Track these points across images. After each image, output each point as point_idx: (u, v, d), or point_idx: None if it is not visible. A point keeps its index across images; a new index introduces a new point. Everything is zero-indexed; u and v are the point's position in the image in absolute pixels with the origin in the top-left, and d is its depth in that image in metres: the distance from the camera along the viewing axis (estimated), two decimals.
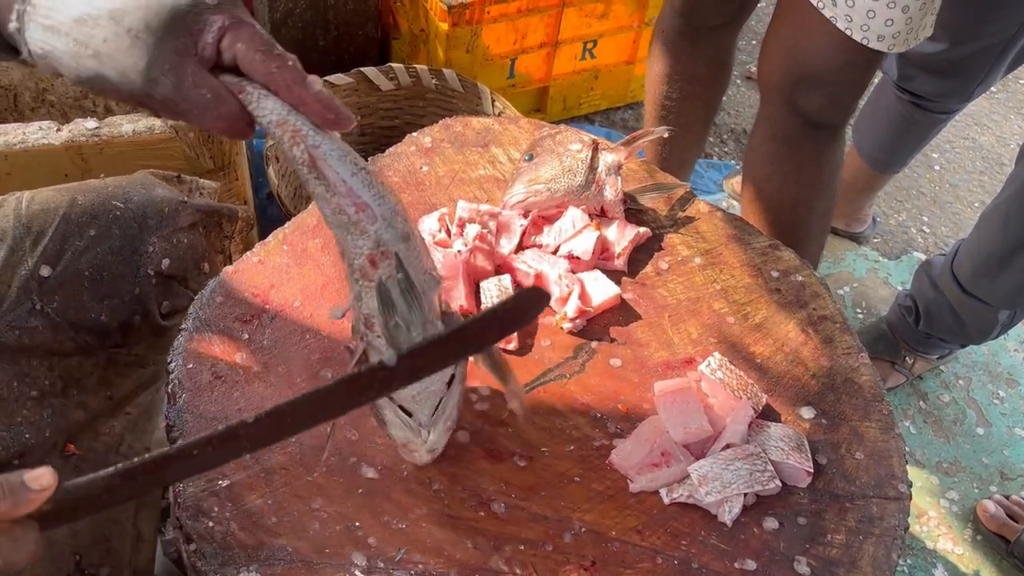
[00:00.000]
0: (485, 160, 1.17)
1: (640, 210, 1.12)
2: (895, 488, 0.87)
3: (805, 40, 1.25)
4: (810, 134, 1.36)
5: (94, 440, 0.96)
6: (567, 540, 0.80)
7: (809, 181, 1.42)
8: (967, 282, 1.58)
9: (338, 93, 1.89)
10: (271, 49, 0.58)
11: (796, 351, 0.99)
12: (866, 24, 1.13)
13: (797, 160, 1.40)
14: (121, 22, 0.54)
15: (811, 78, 1.28)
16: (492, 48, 2.09)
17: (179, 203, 1.01)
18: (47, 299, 0.91)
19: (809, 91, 1.29)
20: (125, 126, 1.21)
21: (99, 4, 0.55)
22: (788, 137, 1.38)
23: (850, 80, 1.29)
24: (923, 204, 2.40)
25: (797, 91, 1.30)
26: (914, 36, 1.16)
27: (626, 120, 2.45)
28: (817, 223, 1.48)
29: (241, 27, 0.57)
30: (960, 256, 1.61)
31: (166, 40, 0.55)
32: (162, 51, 0.55)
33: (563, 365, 0.95)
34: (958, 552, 1.62)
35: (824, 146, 1.39)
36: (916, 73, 1.76)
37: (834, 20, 1.16)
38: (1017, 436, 1.81)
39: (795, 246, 1.42)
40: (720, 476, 0.83)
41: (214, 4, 0.56)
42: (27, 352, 0.91)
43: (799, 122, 1.34)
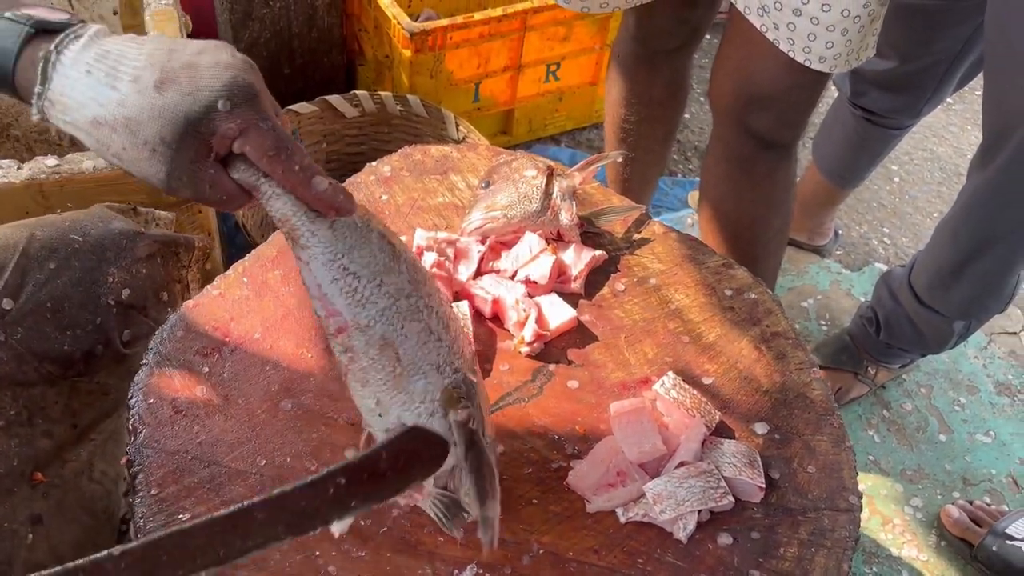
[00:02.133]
0: (444, 187, 1.19)
1: (597, 233, 1.15)
2: (846, 500, 0.89)
3: (753, 63, 1.28)
4: (762, 154, 1.39)
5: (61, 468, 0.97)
6: (525, 563, 0.82)
7: (764, 199, 1.46)
8: (923, 294, 1.61)
9: (303, 121, 1.91)
10: (279, 152, 0.59)
11: (749, 368, 1.01)
12: (807, 47, 1.17)
13: (751, 179, 1.43)
14: (137, 134, 0.56)
15: (760, 99, 1.32)
16: (456, 73, 2.11)
17: (136, 234, 1.02)
18: (10, 331, 0.93)
19: (759, 112, 1.33)
20: (86, 163, 1.22)
21: (113, 110, 0.56)
22: (741, 157, 1.41)
23: (797, 100, 1.32)
24: (883, 216, 2.45)
25: (747, 112, 1.34)
26: (855, 57, 1.20)
27: (592, 140, 2.49)
28: (774, 240, 1.51)
29: (250, 132, 0.57)
30: (916, 268, 1.65)
31: (182, 151, 0.56)
32: (179, 162, 0.56)
33: (521, 388, 0.97)
34: (923, 558, 1.65)
35: (776, 165, 1.42)
36: (867, 89, 1.80)
37: (777, 43, 1.19)
38: (979, 442, 1.85)
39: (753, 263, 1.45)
40: (674, 494, 0.85)
41: (227, 111, 0.56)
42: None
43: (751, 142, 1.38)
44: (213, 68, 0.57)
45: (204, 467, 0.85)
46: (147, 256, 1.01)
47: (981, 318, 1.65)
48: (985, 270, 1.51)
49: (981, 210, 1.45)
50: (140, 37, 0.60)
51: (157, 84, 0.55)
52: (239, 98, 0.56)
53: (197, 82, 0.55)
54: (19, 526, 0.89)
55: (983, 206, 1.45)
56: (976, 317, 1.62)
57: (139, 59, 0.57)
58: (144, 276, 1.00)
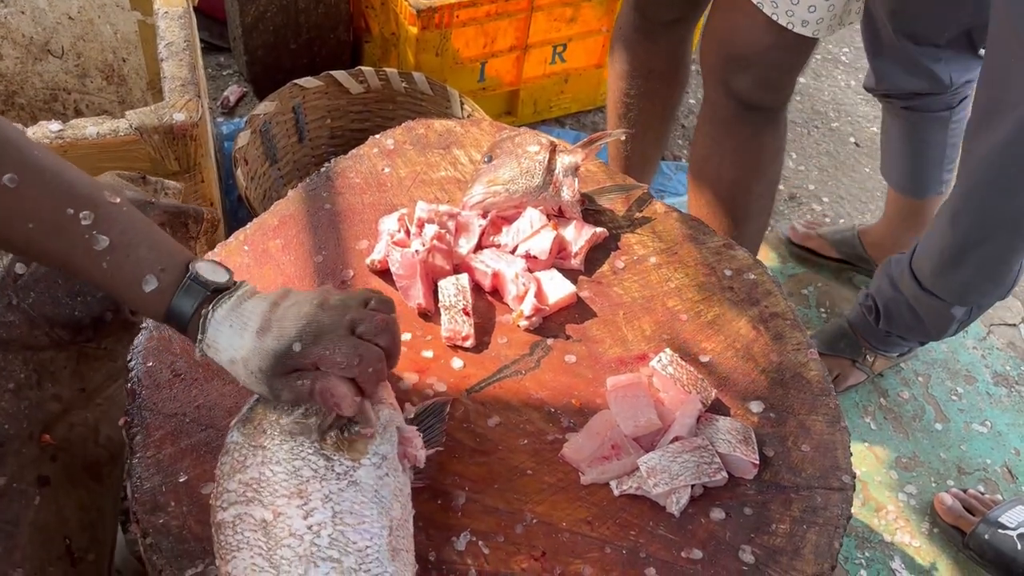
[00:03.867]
0: (447, 162, 1.19)
1: (598, 211, 1.15)
2: (839, 479, 0.90)
3: (735, 23, 1.32)
4: (745, 117, 1.43)
5: (69, 431, 0.98)
6: (519, 531, 0.82)
7: (746, 162, 1.49)
8: (925, 279, 1.61)
9: (308, 96, 1.91)
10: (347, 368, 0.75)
11: (747, 347, 1.02)
12: (791, 10, 1.21)
13: (734, 142, 1.47)
14: (248, 366, 0.75)
15: (740, 59, 1.36)
16: (462, 52, 2.11)
17: (146, 204, 1.03)
18: (22, 295, 0.95)
19: (739, 72, 1.37)
20: (89, 128, 1.22)
21: (238, 353, 0.75)
22: (725, 119, 1.45)
23: (778, 62, 1.36)
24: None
25: (729, 73, 1.38)
26: (838, 22, 1.22)
27: (596, 123, 2.48)
28: (754, 204, 1.54)
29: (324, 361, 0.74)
30: (918, 254, 1.64)
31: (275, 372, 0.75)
32: (274, 378, 0.75)
33: (519, 361, 0.97)
34: (915, 545, 1.65)
35: (760, 129, 1.46)
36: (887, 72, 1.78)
37: (760, 6, 1.22)
38: (974, 432, 1.85)
39: (733, 226, 1.48)
40: (668, 468, 0.85)
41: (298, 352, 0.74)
42: (4, 346, 0.94)
43: (734, 104, 1.41)
44: (294, 319, 0.75)
45: (201, 430, 0.85)
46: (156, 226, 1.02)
47: (982, 303, 1.64)
48: (986, 254, 1.51)
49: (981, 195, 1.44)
50: (270, 295, 0.78)
51: (259, 332, 0.75)
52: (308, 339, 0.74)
53: (281, 330, 0.75)
54: (27, 487, 0.90)
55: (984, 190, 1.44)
56: (977, 303, 1.61)
57: (257, 315, 0.76)
58: None
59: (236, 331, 0.76)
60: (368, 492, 0.74)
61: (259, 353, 0.74)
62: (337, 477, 0.74)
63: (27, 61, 1.78)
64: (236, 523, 0.71)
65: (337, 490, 0.73)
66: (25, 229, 0.74)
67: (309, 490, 0.72)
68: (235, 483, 0.73)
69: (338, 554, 0.70)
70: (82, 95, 1.85)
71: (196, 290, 0.77)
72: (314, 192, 1.11)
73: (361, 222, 1.09)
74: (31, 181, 0.74)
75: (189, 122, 1.25)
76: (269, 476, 0.73)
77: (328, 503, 0.72)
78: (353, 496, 0.73)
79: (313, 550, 0.70)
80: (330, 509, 0.72)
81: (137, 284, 0.76)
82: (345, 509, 0.72)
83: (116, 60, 1.81)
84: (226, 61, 2.46)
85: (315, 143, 2.00)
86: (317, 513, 0.71)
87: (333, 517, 0.71)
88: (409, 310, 1.00)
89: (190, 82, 1.31)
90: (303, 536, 0.70)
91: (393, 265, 1.00)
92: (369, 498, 0.74)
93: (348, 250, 1.05)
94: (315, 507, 0.71)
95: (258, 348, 0.74)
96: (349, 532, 0.71)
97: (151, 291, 0.77)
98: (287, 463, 0.74)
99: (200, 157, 1.31)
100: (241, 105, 2.35)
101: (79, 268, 0.77)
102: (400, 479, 0.77)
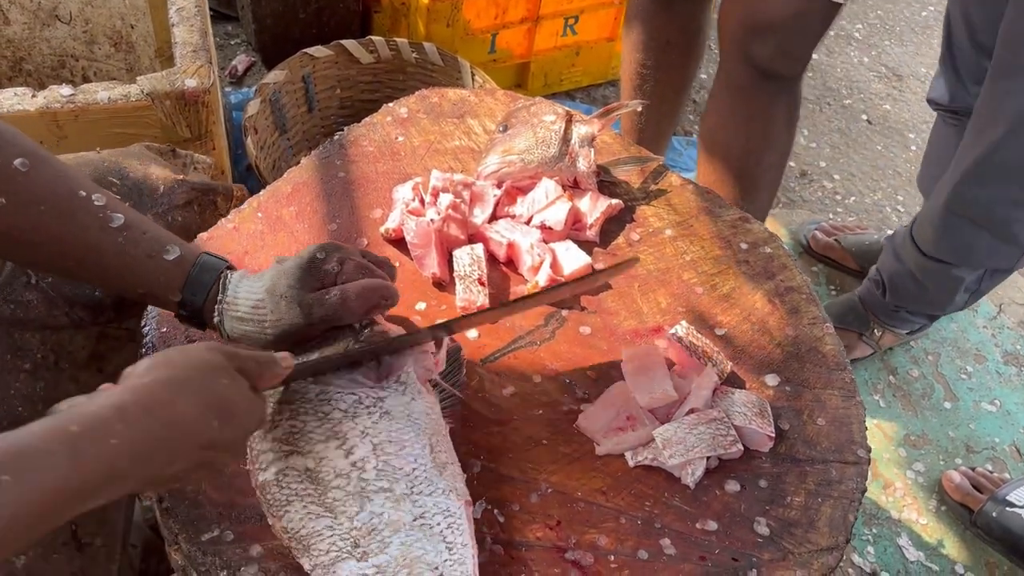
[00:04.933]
0: (460, 131, 1.18)
1: (613, 182, 1.14)
2: (854, 453, 0.89)
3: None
4: (762, 85, 1.42)
5: None
6: (534, 500, 0.82)
7: (759, 132, 1.48)
8: (926, 245, 1.60)
9: (318, 65, 1.89)
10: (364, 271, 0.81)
11: (762, 320, 1.01)
12: None
13: (748, 111, 1.46)
14: (274, 292, 0.78)
15: (764, 27, 1.34)
16: (473, 22, 2.08)
17: (176, 182, 1.01)
18: (42, 274, 0.92)
19: (761, 39, 1.36)
20: (100, 93, 1.20)
21: (262, 287, 0.79)
22: (741, 87, 1.44)
23: (801, 29, 1.35)
24: (898, 184, 2.42)
25: (750, 40, 1.36)
26: None
27: (607, 97, 2.46)
28: (764, 175, 1.53)
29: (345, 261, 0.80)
30: (919, 221, 1.63)
31: (303, 285, 0.78)
32: (303, 292, 0.78)
33: (534, 332, 0.97)
34: (923, 522, 1.66)
35: (775, 99, 1.44)
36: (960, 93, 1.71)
37: None
38: (983, 410, 1.85)
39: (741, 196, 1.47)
40: (684, 440, 0.85)
41: (323, 258, 0.79)
42: (21, 325, 0.92)
43: (751, 72, 1.40)
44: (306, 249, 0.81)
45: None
46: (184, 203, 1.01)
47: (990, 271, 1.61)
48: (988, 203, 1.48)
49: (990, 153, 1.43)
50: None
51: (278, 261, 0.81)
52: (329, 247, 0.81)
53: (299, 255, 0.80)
54: None
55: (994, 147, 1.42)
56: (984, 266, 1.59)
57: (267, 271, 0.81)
58: (180, 224, 0.99)
59: (253, 280, 0.80)
60: (401, 418, 0.75)
61: (284, 273, 0.78)
62: (368, 412, 0.74)
63: (35, 27, 1.76)
64: (280, 479, 0.72)
65: (372, 424, 0.74)
66: (36, 212, 0.75)
67: (344, 430, 0.73)
68: (268, 443, 0.74)
69: (388, 483, 0.71)
70: (90, 62, 1.84)
71: (214, 263, 0.81)
72: (327, 160, 1.10)
73: (375, 191, 1.08)
74: (42, 166, 0.76)
75: (201, 88, 1.24)
76: (301, 427, 0.74)
77: (366, 437, 0.73)
78: (388, 425, 0.74)
79: (363, 485, 0.71)
80: (369, 443, 0.73)
81: (158, 254, 0.79)
82: (384, 439, 0.73)
83: (124, 27, 1.79)
84: (234, 30, 2.43)
85: (325, 113, 1.99)
86: (358, 449, 0.72)
87: (374, 450, 0.73)
88: (423, 279, 1.00)
89: (201, 48, 1.29)
90: (349, 474, 0.71)
91: (408, 234, 0.99)
92: (404, 423, 0.75)
93: (362, 218, 1.04)
94: (354, 444, 0.73)
95: (281, 271, 0.79)
96: (393, 460, 0.73)
97: (174, 259, 0.79)
98: (315, 411, 0.74)
99: (211, 124, 1.30)
100: (249, 75, 2.33)
101: (92, 246, 0.78)
102: (427, 399, 0.78)
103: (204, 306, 0.80)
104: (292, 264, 0.79)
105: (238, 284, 0.80)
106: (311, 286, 0.78)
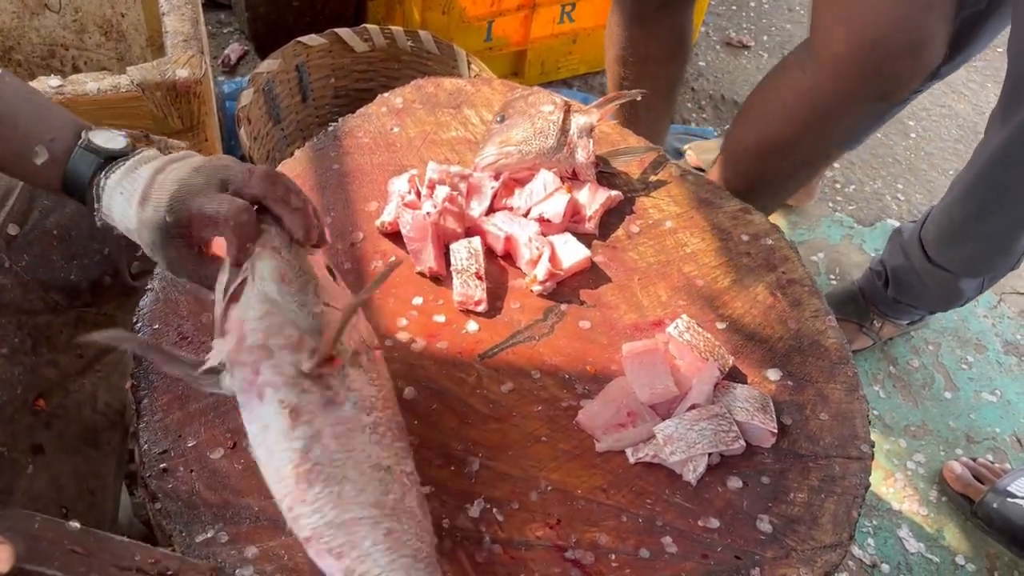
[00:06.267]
0: (457, 121, 1.16)
1: (612, 173, 1.12)
2: (857, 448, 0.88)
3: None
4: (857, 107, 1.17)
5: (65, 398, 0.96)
6: (533, 498, 0.81)
7: (822, 150, 1.30)
8: (931, 250, 1.59)
9: (311, 54, 1.86)
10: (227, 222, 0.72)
11: (764, 314, 1.00)
12: None
13: (825, 129, 1.22)
14: (142, 239, 0.73)
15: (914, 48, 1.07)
16: (468, 10, 2.06)
17: None
18: (15, 257, 0.91)
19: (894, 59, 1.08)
20: (90, 84, 1.18)
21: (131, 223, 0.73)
22: (829, 109, 1.17)
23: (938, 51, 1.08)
24: (898, 171, 2.41)
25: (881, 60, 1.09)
26: None
27: (604, 85, 2.43)
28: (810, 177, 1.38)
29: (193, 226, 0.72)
30: (928, 224, 1.62)
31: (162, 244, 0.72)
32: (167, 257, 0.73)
33: (532, 327, 0.95)
34: (923, 513, 1.65)
35: (860, 120, 1.24)
36: None
37: None
38: (984, 400, 1.84)
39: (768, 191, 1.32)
40: (685, 436, 0.83)
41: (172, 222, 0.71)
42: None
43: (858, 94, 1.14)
44: (169, 185, 0.71)
45: (209, 394, 0.84)
46: None
47: (989, 277, 1.62)
48: (994, 227, 1.48)
49: (996, 167, 1.42)
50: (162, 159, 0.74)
51: (140, 202, 0.71)
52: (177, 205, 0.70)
53: (157, 200, 0.70)
54: (19, 455, 0.88)
55: (998, 163, 1.41)
56: (984, 275, 1.59)
57: (142, 182, 0.72)
58: None
59: (126, 199, 0.72)
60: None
61: (143, 225, 0.71)
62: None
63: (24, 16, 1.73)
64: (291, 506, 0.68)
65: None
66: None
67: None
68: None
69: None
70: (80, 51, 1.81)
71: (88, 158, 0.74)
72: (322, 152, 1.09)
73: (370, 183, 1.06)
74: None
75: (192, 79, 1.22)
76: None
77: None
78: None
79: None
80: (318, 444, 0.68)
81: (27, 157, 0.73)
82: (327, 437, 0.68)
83: (115, 15, 1.76)
84: (226, 19, 2.40)
85: (319, 103, 1.96)
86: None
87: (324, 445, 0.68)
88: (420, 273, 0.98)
89: (192, 37, 1.27)
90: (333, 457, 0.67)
91: (404, 227, 0.98)
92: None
93: (357, 211, 1.03)
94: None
95: (141, 219, 0.71)
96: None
97: (43, 163, 0.73)
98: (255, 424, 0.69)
99: (203, 115, 1.28)
100: (242, 64, 2.30)
101: None
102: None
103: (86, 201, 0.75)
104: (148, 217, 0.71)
105: (112, 199, 0.73)
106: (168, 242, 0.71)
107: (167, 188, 0.70)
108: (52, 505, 0.90)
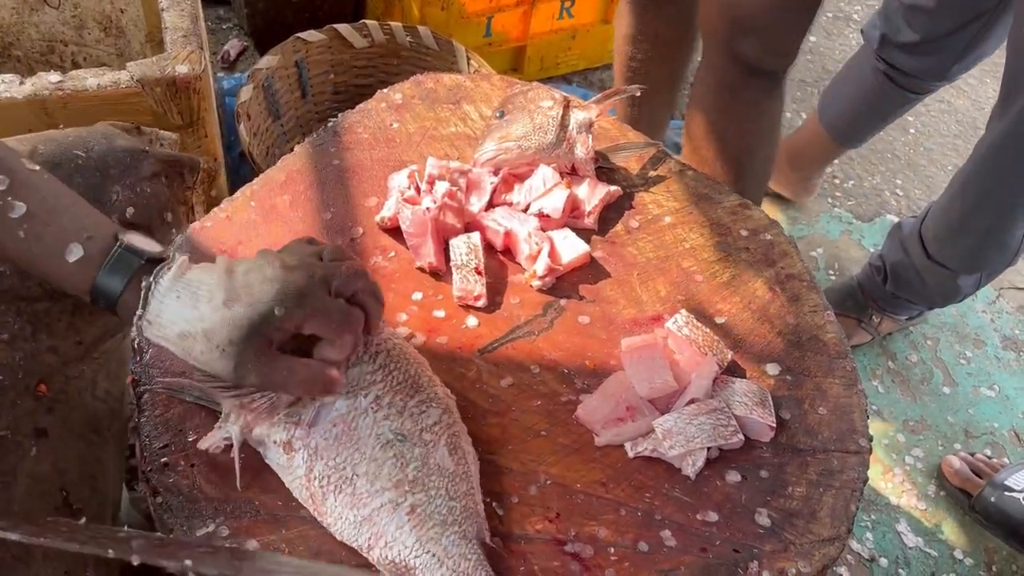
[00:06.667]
0: (456, 117, 1.16)
1: (611, 168, 1.12)
2: (856, 442, 0.89)
3: None
4: (750, 82, 1.37)
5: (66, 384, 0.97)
6: (533, 492, 0.81)
7: (751, 129, 1.44)
8: (931, 246, 1.60)
9: (311, 50, 1.87)
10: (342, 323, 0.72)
11: (763, 308, 1.00)
12: None
13: (738, 109, 1.41)
14: (211, 340, 0.68)
15: (748, 25, 1.30)
16: (468, 5, 2.06)
17: (141, 152, 1.00)
18: None
19: (745, 37, 1.31)
20: (90, 80, 1.18)
21: (194, 325, 0.69)
22: (729, 86, 1.38)
23: (785, 25, 1.30)
24: (897, 167, 2.41)
25: (734, 37, 1.32)
26: None
27: (604, 81, 2.44)
28: (760, 170, 1.51)
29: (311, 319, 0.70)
30: (928, 220, 1.63)
31: (247, 349, 0.68)
32: (245, 356, 0.68)
33: (532, 322, 0.96)
34: (921, 508, 1.66)
35: (764, 95, 1.40)
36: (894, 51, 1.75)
37: None
38: (982, 395, 1.85)
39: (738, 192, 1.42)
40: (684, 430, 0.84)
41: (280, 316, 0.68)
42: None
43: (739, 69, 1.35)
44: (263, 283, 0.69)
45: None
46: (152, 175, 0.99)
47: (986, 273, 1.63)
48: (990, 221, 1.49)
49: (992, 162, 1.42)
50: (213, 264, 0.73)
51: (227, 302, 0.68)
52: (290, 303, 0.69)
53: (253, 296, 0.69)
54: (23, 438, 0.88)
55: (994, 156, 1.42)
56: (980, 271, 1.60)
57: (211, 284, 0.70)
58: (149, 195, 0.98)
59: (185, 302, 0.70)
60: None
61: (229, 323, 0.68)
62: None
63: (23, 11, 1.73)
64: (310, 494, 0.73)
65: None
66: None
67: None
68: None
69: None
70: (79, 47, 1.81)
71: (128, 259, 0.72)
72: (321, 147, 1.09)
73: (370, 178, 1.06)
74: None
75: (192, 74, 1.22)
76: None
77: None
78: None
79: None
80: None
81: (59, 255, 0.71)
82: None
83: (114, 11, 1.76)
84: (226, 14, 2.40)
85: (318, 99, 1.96)
86: None
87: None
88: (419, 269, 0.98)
89: (192, 33, 1.27)
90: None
91: (404, 223, 0.98)
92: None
93: (357, 207, 1.03)
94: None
95: (227, 318, 0.68)
96: None
97: (76, 261, 0.71)
98: None
99: (203, 111, 1.28)
100: (241, 60, 2.30)
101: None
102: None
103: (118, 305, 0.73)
104: (243, 313, 0.69)
105: (163, 303, 0.70)
106: (256, 346, 0.69)
107: (265, 286, 0.69)
108: (53, 488, 0.91)
